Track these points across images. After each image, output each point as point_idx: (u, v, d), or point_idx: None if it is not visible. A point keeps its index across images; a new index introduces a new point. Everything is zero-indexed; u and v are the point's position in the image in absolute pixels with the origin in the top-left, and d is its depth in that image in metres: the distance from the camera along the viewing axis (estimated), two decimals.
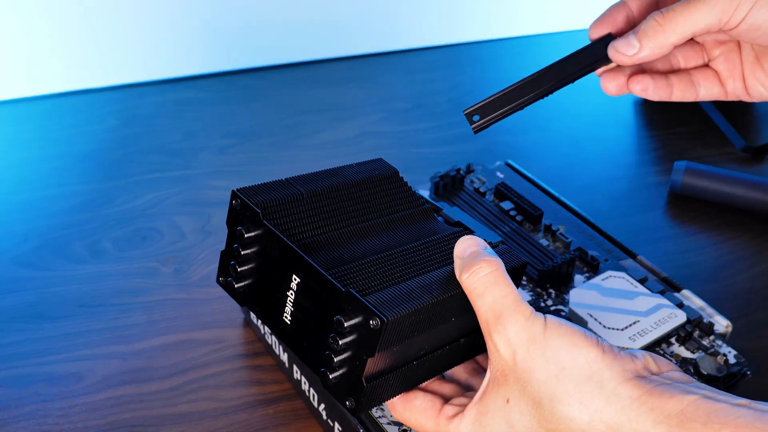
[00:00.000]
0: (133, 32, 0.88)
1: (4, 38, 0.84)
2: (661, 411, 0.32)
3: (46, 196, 0.71)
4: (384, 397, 0.38)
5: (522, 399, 0.35)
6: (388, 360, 0.36)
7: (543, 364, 0.34)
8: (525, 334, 0.35)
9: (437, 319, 0.38)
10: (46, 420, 0.51)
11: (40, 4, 0.83)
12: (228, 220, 0.41)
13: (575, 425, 0.34)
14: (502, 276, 0.37)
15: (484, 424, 0.36)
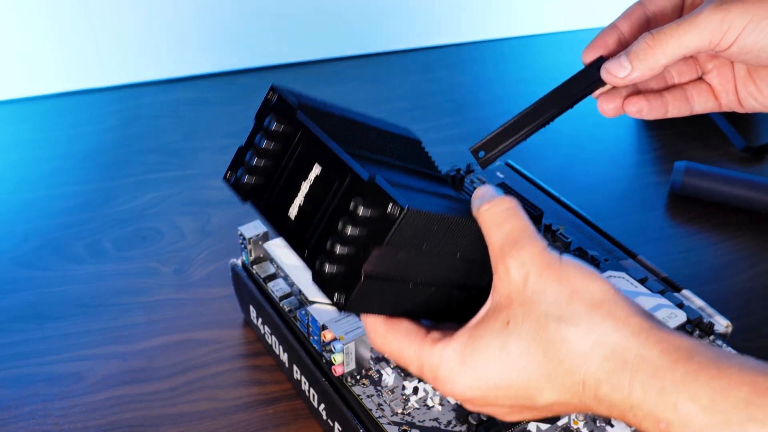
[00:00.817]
0: (133, 32, 0.88)
1: (4, 38, 0.84)
2: (670, 343, 0.32)
3: (46, 196, 0.71)
4: (373, 308, 0.37)
5: (525, 321, 0.34)
6: (390, 265, 0.35)
7: (556, 286, 0.34)
8: (540, 259, 0.34)
9: (447, 242, 0.36)
10: (46, 420, 0.51)
11: (40, 4, 0.83)
12: (258, 113, 0.40)
13: (578, 347, 0.33)
14: (521, 212, 0.36)
15: (476, 347, 0.35)
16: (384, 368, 0.48)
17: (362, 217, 0.34)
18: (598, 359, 0.33)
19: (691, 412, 0.30)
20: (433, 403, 0.46)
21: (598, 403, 0.33)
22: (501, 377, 0.34)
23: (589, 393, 0.33)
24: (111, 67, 0.88)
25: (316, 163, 0.37)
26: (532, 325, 0.34)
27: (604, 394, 0.32)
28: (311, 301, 0.48)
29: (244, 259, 0.55)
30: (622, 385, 0.32)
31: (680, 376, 0.31)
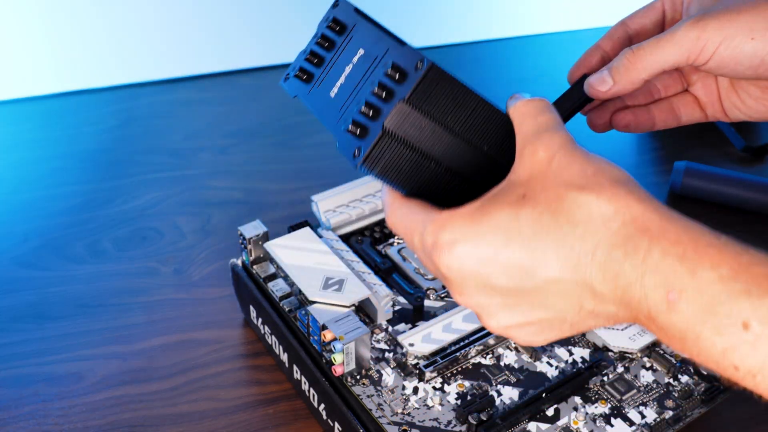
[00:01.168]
0: (133, 32, 0.88)
1: (5, 39, 0.84)
2: (695, 226, 0.32)
3: (46, 196, 0.71)
4: (390, 173, 0.37)
5: (543, 192, 0.33)
6: (412, 128, 0.35)
7: (581, 162, 0.34)
8: (570, 145, 0.35)
9: (472, 125, 0.36)
10: (46, 420, 0.51)
11: (40, 4, 0.83)
12: (321, 21, 0.44)
13: (597, 212, 0.32)
14: (554, 111, 0.37)
15: (486, 212, 0.34)
16: (384, 368, 0.48)
17: (391, 74, 0.35)
18: (618, 224, 0.32)
19: (710, 279, 0.30)
20: (433, 403, 0.46)
21: (603, 273, 0.32)
22: (506, 242, 0.33)
23: (597, 262, 0.32)
24: (111, 67, 0.88)
25: (361, 48, 0.39)
26: (550, 196, 0.33)
27: (615, 261, 0.31)
28: (311, 301, 0.48)
29: (244, 259, 0.55)
30: (638, 250, 0.31)
31: (703, 247, 0.30)
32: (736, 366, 0.30)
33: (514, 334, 0.36)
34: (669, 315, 0.31)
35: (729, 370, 0.30)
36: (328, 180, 0.73)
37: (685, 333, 0.30)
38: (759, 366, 0.29)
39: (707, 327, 0.30)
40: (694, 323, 0.30)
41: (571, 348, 0.50)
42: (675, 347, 0.32)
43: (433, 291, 0.53)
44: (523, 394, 0.47)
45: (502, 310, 0.35)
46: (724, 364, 0.30)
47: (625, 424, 0.45)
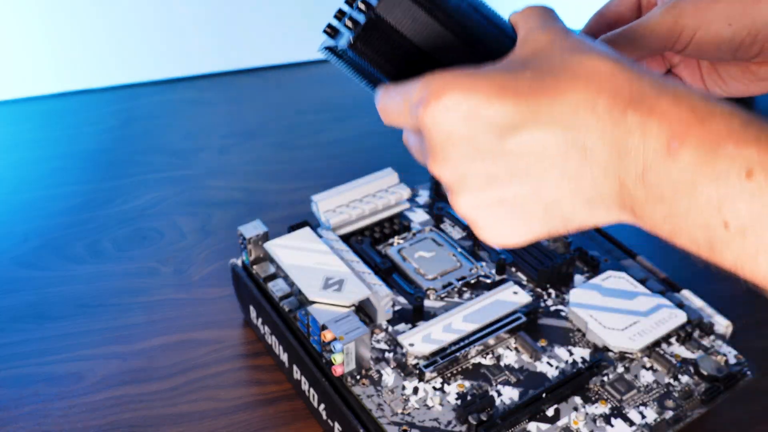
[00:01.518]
0: (133, 32, 0.88)
1: (5, 39, 0.84)
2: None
3: (46, 196, 0.71)
4: (378, 55, 0.36)
5: (545, 61, 0.32)
6: (404, 17, 0.35)
7: (585, 40, 0.33)
8: (572, 35, 0.34)
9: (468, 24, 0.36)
10: (46, 420, 0.51)
11: (40, 4, 0.83)
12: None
13: (604, 66, 0.31)
14: (559, 18, 0.36)
15: (484, 70, 0.32)
16: (384, 368, 0.48)
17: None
18: (625, 76, 0.30)
19: (718, 128, 0.28)
20: (433, 403, 0.46)
21: (600, 125, 0.30)
22: (499, 94, 0.31)
23: (597, 113, 0.30)
24: (111, 67, 0.88)
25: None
26: (553, 61, 0.32)
27: (617, 108, 0.30)
28: (311, 301, 0.48)
29: (244, 259, 0.55)
30: (646, 98, 0.30)
31: (715, 103, 0.29)
32: (727, 222, 0.29)
33: (484, 218, 0.34)
34: (666, 165, 0.29)
35: (717, 230, 0.29)
36: (328, 180, 0.73)
37: (679, 186, 0.29)
38: (752, 221, 0.28)
39: (706, 175, 0.28)
40: (692, 172, 0.29)
41: (571, 348, 0.50)
42: (658, 213, 0.30)
43: (433, 291, 0.53)
44: (523, 394, 0.47)
45: (477, 182, 0.33)
46: (714, 221, 0.29)
47: (625, 424, 0.45)
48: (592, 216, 0.33)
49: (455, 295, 0.54)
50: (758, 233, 0.28)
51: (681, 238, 0.31)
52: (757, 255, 0.29)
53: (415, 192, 0.63)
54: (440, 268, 0.55)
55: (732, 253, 0.30)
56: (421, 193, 0.63)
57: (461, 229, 0.59)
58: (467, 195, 0.33)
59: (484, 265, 0.56)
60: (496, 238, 0.35)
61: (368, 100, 0.89)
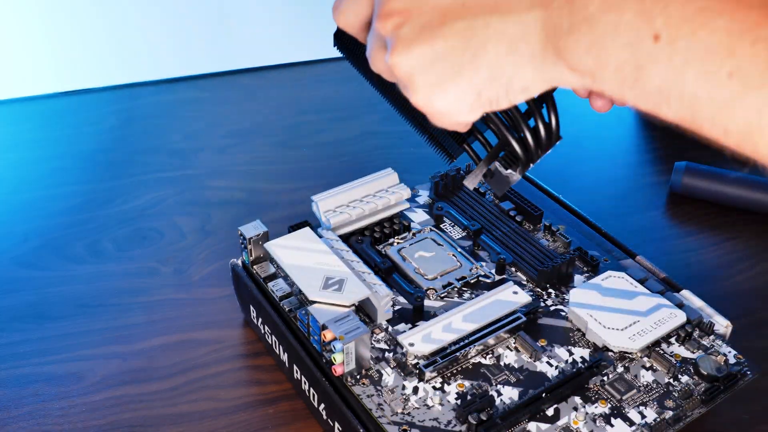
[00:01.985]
0: (132, 32, 0.88)
1: (5, 38, 0.84)
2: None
3: (46, 196, 0.71)
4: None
5: None
6: None
7: None
8: None
9: None
10: (45, 420, 0.51)
11: (40, 4, 0.83)
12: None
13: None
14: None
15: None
16: (384, 368, 0.48)
17: None
18: None
19: None
20: (433, 403, 0.46)
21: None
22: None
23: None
24: (111, 67, 0.88)
25: None
26: None
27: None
28: (311, 301, 0.48)
29: (244, 259, 0.55)
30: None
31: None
32: (657, 33, 0.28)
33: (416, 72, 0.34)
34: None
35: (645, 45, 0.28)
36: (328, 180, 0.73)
37: None
38: (683, 26, 0.27)
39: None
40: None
41: (571, 348, 0.50)
42: (582, 43, 0.30)
43: (433, 291, 0.53)
44: (523, 394, 0.47)
45: (418, 35, 0.33)
46: (643, 33, 0.28)
47: (625, 424, 0.45)
48: (517, 68, 0.33)
49: (455, 295, 0.54)
50: (688, 41, 0.27)
51: (606, 68, 0.30)
52: (685, 69, 0.28)
53: (415, 192, 0.63)
54: (440, 268, 0.55)
55: (659, 73, 0.29)
56: (421, 193, 0.63)
57: (461, 229, 0.60)
58: (402, 46, 0.34)
59: (484, 265, 0.56)
60: (429, 98, 0.35)
61: (368, 100, 0.89)
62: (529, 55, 0.32)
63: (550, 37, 0.31)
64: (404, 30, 0.34)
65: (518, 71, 0.33)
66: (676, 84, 0.28)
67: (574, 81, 0.32)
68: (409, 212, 0.61)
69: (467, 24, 0.32)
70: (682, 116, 0.29)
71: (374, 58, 0.37)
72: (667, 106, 0.29)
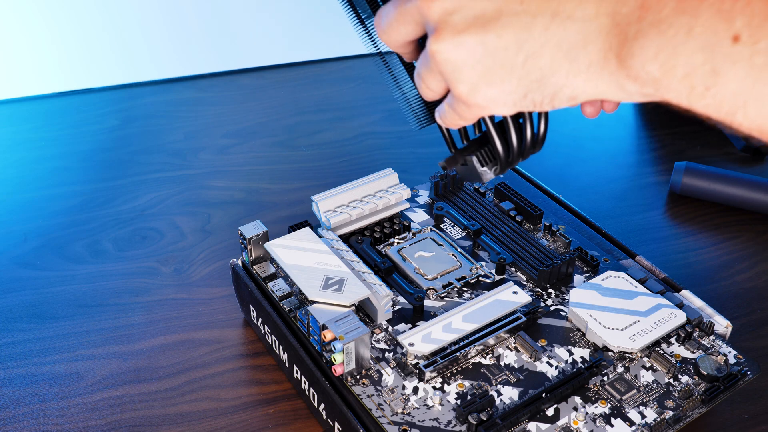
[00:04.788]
0: (133, 32, 0.88)
1: (5, 38, 0.84)
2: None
3: (46, 196, 0.71)
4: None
5: None
6: None
7: None
8: None
9: None
10: (46, 420, 0.51)
11: (41, 4, 0.83)
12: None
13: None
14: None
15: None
16: (384, 368, 0.48)
17: None
18: None
19: None
20: (433, 403, 0.46)
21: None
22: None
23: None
24: (111, 67, 0.88)
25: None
26: None
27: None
28: (311, 301, 0.48)
29: (244, 259, 0.55)
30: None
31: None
32: (738, 34, 0.26)
33: (462, 63, 0.33)
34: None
35: (723, 47, 0.26)
36: (328, 180, 0.73)
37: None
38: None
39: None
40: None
41: (571, 348, 0.50)
42: (650, 47, 0.28)
43: (433, 291, 0.53)
44: (523, 394, 0.47)
45: (464, 20, 0.32)
46: (722, 35, 0.26)
47: (625, 424, 0.45)
48: (570, 75, 0.31)
49: (455, 295, 0.54)
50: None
51: (674, 75, 0.28)
52: (767, 70, 0.26)
53: (415, 192, 0.63)
54: (440, 268, 0.55)
55: (737, 76, 0.26)
56: (421, 193, 0.63)
57: (461, 229, 0.60)
58: (450, 33, 0.32)
59: (484, 265, 0.56)
60: (472, 91, 0.33)
61: (368, 100, 0.89)
62: (587, 64, 0.30)
63: (614, 45, 0.29)
64: (455, 17, 0.32)
65: (571, 80, 0.31)
66: (756, 87, 0.26)
67: (632, 91, 0.30)
68: (409, 212, 0.61)
69: (525, 23, 0.31)
70: (760, 124, 0.27)
71: (393, 28, 0.35)
72: (743, 113, 0.27)
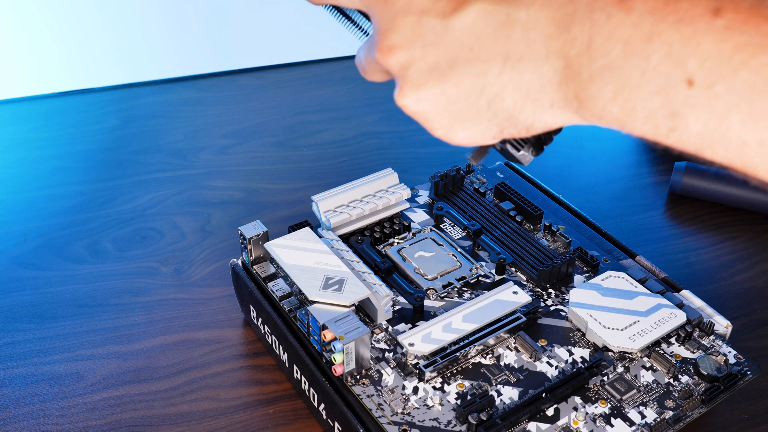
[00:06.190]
0: (133, 32, 0.88)
1: (5, 38, 0.84)
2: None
3: (46, 196, 0.71)
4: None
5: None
6: None
7: None
8: None
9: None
10: (45, 420, 0.51)
11: (41, 4, 0.83)
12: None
13: None
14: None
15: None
16: (384, 368, 0.48)
17: None
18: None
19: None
20: (433, 403, 0.46)
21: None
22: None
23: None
24: (111, 67, 0.88)
25: None
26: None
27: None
28: (311, 301, 0.48)
29: (244, 259, 0.55)
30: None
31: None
32: (691, 78, 0.25)
33: (431, 113, 0.34)
34: (617, 20, 0.26)
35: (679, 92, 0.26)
36: (328, 180, 0.73)
37: (633, 44, 0.26)
38: (721, 68, 0.25)
39: (664, 20, 0.25)
40: (649, 22, 0.26)
41: (571, 348, 0.50)
42: (607, 91, 0.28)
43: (433, 291, 0.53)
44: (523, 394, 0.47)
45: (420, 74, 0.33)
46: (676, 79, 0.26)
47: (625, 424, 0.45)
48: (537, 113, 0.32)
49: (455, 295, 0.54)
50: (729, 83, 0.25)
51: (635, 117, 0.28)
52: (729, 114, 0.25)
53: (415, 192, 0.63)
54: (440, 268, 0.55)
55: (698, 119, 0.26)
56: (421, 193, 0.63)
57: (461, 229, 0.60)
58: (410, 89, 0.33)
59: (484, 265, 0.56)
60: (448, 134, 0.35)
61: (368, 100, 0.89)
62: (549, 104, 0.31)
63: (572, 87, 0.29)
64: (412, 71, 0.33)
65: (539, 116, 0.32)
66: (719, 130, 0.25)
67: (601, 125, 0.30)
68: (409, 212, 0.61)
69: (479, 71, 0.31)
70: (730, 160, 0.26)
71: (369, 74, 0.37)
72: (711, 151, 0.26)
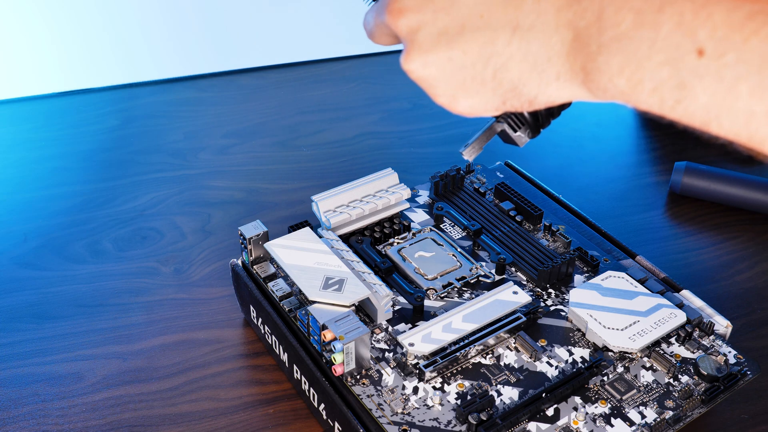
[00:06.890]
0: (133, 32, 0.88)
1: (5, 38, 0.84)
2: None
3: (46, 196, 0.71)
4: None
5: None
6: None
7: None
8: None
9: None
10: (45, 420, 0.51)
11: (41, 4, 0.83)
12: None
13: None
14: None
15: None
16: (384, 368, 0.48)
17: None
18: None
19: None
20: (433, 403, 0.46)
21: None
22: None
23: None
24: (111, 67, 0.88)
25: None
26: None
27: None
28: (311, 301, 0.48)
29: (244, 259, 0.55)
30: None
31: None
32: (702, 48, 0.25)
33: (435, 79, 0.34)
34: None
35: (688, 61, 0.26)
36: (328, 180, 0.73)
37: (643, 14, 0.26)
38: (732, 38, 0.24)
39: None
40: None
41: (571, 348, 0.50)
42: (614, 62, 0.28)
43: (433, 291, 0.53)
44: (523, 394, 0.47)
45: (428, 38, 0.32)
46: (685, 49, 0.25)
47: (625, 424, 0.45)
48: (542, 85, 0.31)
49: (455, 295, 0.54)
50: (739, 52, 0.24)
51: (642, 89, 0.27)
52: (737, 84, 0.25)
53: (415, 192, 0.63)
54: (440, 268, 0.55)
55: (706, 90, 0.26)
56: (421, 193, 0.63)
57: (461, 229, 0.60)
58: (417, 53, 0.33)
59: (484, 265, 0.56)
60: (451, 102, 0.35)
61: (368, 100, 0.89)
62: (555, 76, 0.31)
63: (579, 58, 0.29)
64: (420, 35, 0.33)
65: (543, 89, 0.32)
66: (727, 101, 0.25)
67: (606, 99, 0.30)
68: (409, 212, 0.61)
69: (488, 38, 0.31)
70: (737, 133, 0.26)
71: (376, 37, 0.36)
72: (717, 124, 0.26)
